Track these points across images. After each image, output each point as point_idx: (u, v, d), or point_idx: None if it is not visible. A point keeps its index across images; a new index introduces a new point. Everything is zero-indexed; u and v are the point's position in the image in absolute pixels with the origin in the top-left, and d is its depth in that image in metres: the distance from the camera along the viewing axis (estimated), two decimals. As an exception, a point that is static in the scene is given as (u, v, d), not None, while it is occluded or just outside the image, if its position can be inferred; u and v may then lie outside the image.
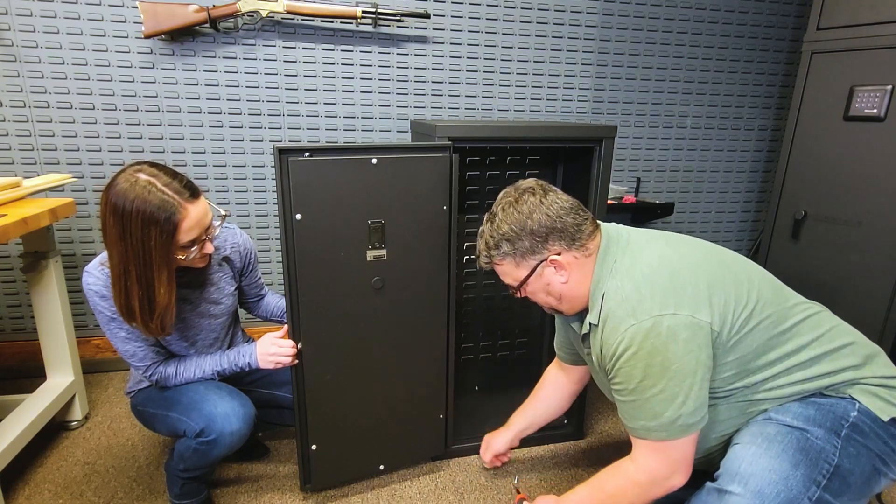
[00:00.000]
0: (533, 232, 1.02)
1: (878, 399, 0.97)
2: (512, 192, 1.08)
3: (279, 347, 1.27)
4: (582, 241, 1.04)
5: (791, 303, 1.04)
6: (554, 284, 1.07)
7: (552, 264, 1.04)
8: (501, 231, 1.05)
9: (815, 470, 0.91)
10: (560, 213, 1.03)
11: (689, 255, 1.01)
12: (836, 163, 2.02)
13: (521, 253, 1.04)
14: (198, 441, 1.22)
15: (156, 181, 1.08)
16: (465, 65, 2.15)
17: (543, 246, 1.03)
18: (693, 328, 0.91)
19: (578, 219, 1.04)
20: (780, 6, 2.38)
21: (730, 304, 0.95)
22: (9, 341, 2.04)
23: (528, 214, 1.03)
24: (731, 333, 0.95)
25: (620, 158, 2.43)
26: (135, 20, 1.83)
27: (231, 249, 1.36)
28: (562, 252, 1.04)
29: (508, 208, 1.05)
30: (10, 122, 1.83)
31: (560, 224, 1.02)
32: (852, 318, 2.01)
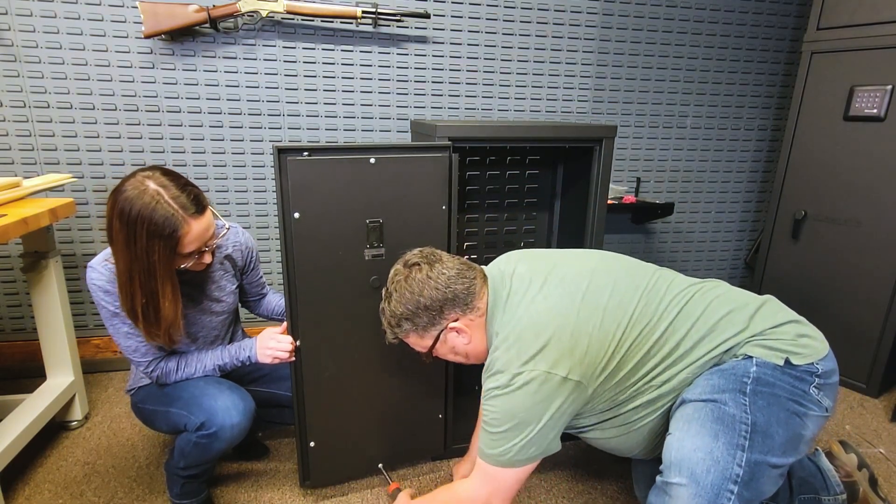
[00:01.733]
0: (427, 308, 1.09)
1: (768, 349, 1.01)
2: (402, 271, 1.13)
3: (278, 342, 1.27)
4: (473, 303, 1.11)
5: (666, 302, 1.08)
6: (459, 346, 1.15)
7: (453, 330, 1.12)
8: (398, 312, 1.11)
9: (735, 434, 0.93)
10: (448, 283, 1.09)
11: (560, 301, 1.06)
12: (836, 163, 2.02)
13: (423, 327, 1.11)
14: (198, 435, 1.22)
15: (164, 193, 1.08)
16: (465, 65, 2.15)
17: (440, 317, 1.10)
18: (546, 383, 0.99)
19: (466, 282, 1.11)
20: (780, 6, 2.38)
21: (592, 348, 1.02)
22: (9, 341, 2.04)
23: (419, 293, 1.08)
24: (600, 372, 1.03)
25: (620, 158, 2.43)
26: (135, 20, 1.83)
27: (233, 248, 1.36)
28: (459, 317, 1.11)
29: (401, 288, 1.10)
30: (10, 122, 1.83)
31: (451, 294, 1.09)
32: (852, 318, 2.02)
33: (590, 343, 1.02)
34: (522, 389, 1.00)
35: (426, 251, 1.16)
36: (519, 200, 1.79)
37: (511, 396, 1.01)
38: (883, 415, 1.92)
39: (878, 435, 1.80)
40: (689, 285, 1.13)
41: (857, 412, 1.93)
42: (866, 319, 2.00)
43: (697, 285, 1.13)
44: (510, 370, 1.02)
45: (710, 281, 1.16)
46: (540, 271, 1.13)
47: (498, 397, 1.03)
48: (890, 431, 1.82)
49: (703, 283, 1.14)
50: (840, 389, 2.09)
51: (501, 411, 1.02)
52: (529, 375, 1.00)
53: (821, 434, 1.79)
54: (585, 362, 1.01)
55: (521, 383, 1.00)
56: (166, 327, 1.17)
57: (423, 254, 1.15)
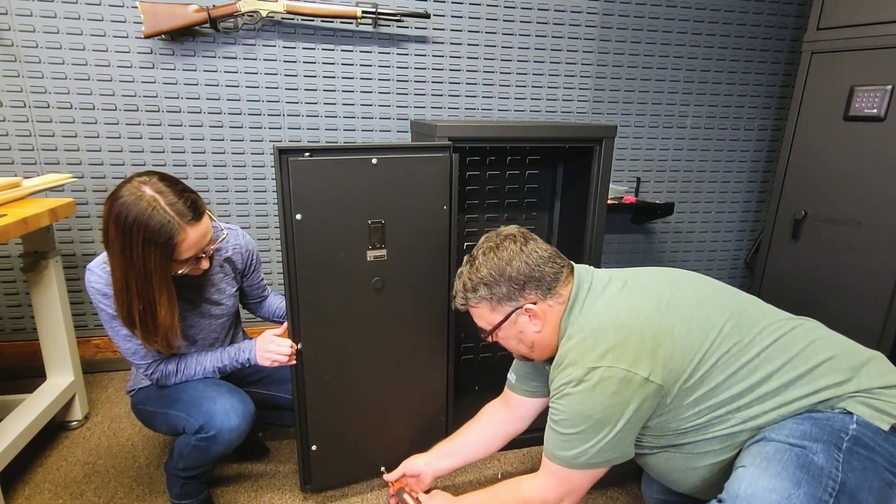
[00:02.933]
0: (511, 279, 1.05)
1: (873, 410, 0.92)
2: (493, 238, 1.10)
3: (277, 346, 1.27)
4: (557, 290, 1.07)
5: (760, 326, 1.00)
6: (527, 332, 1.10)
7: (527, 312, 1.07)
8: (480, 275, 1.07)
9: (820, 488, 0.84)
10: (539, 262, 1.06)
11: (642, 304, 1.01)
12: (836, 163, 2.02)
13: (498, 298, 1.07)
14: (197, 437, 1.22)
15: (160, 199, 1.07)
16: (465, 65, 2.15)
17: (520, 293, 1.06)
18: (626, 382, 0.93)
19: (556, 267, 1.07)
20: (780, 6, 2.38)
21: (677, 354, 0.96)
22: (9, 341, 2.04)
23: (507, 261, 1.05)
24: (683, 381, 0.96)
25: (620, 158, 2.43)
26: (135, 20, 1.83)
27: (233, 251, 1.36)
28: (537, 301, 1.07)
29: (489, 253, 1.07)
30: (10, 122, 1.83)
31: (538, 273, 1.05)
32: (852, 318, 2.02)
33: (674, 348, 0.96)
34: (599, 387, 0.94)
35: (522, 229, 1.13)
36: (519, 200, 1.79)
37: (586, 394, 0.95)
38: (883, 415, 1.92)
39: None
40: (788, 318, 1.05)
41: (857, 412, 1.93)
42: (866, 319, 2.00)
43: (797, 320, 1.05)
44: (584, 363, 0.96)
45: (811, 320, 1.07)
46: (619, 276, 1.10)
47: (571, 395, 0.97)
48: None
49: (803, 320, 1.06)
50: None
51: (576, 411, 0.97)
52: (608, 372, 0.94)
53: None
54: (668, 367, 0.95)
55: (597, 379, 0.94)
56: (163, 334, 1.17)
57: (521, 230, 1.12)
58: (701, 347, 0.96)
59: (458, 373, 1.55)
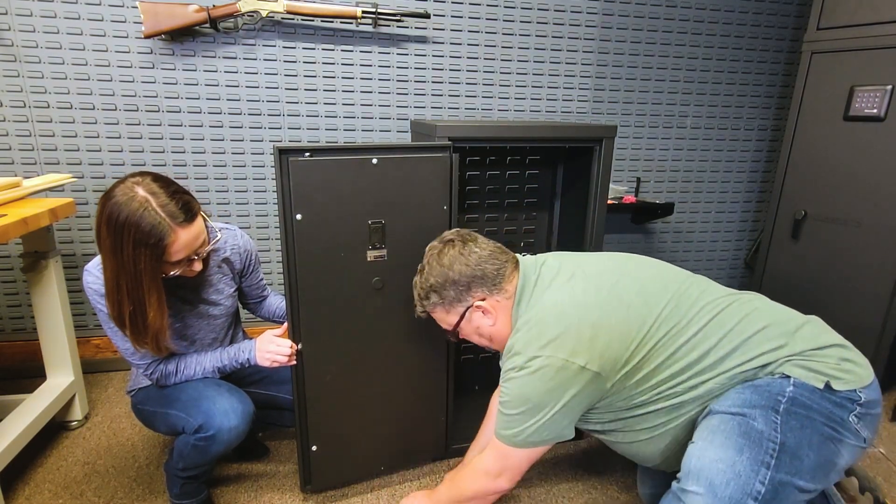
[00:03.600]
0: (455, 282, 1.13)
1: (808, 371, 0.98)
2: (437, 245, 1.18)
3: (277, 346, 1.27)
4: (502, 285, 1.14)
5: (698, 307, 1.06)
6: (483, 327, 1.17)
7: (478, 309, 1.14)
8: (429, 283, 1.15)
9: (761, 451, 0.91)
10: (479, 262, 1.13)
11: (585, 295, 1.07)
12: (836, 163, 2.02)
13: (449, 301, 1.15)
14: (196, 437, 1.22)
15: (152, 200, 1.06)
16: (465, 65, 2.15)
17: (468, 293, 1.14)
18: (563, 370, 1.00)
19: (497, 264, 1.14)
20: (780, 6, 2.38)
21: (614, 342, 1.02)
22: (9, 341, 2.04)
23: (449, 266, 1.13)
24: (621, 366, 1.03)
25: (620, 158, 2.43)
26: (135, 20, 1.83)
27: (231, 251, 1.36)
28: (486, 297, 1.14)
29: (433, 261, 1.15)
30: (10, 122, 1.83)
31: (480, 272, 1.13)
32: (852, 318, 2.02)
33: (611, 336, 1.02)
34: (538, 374, 1.01)
35: (463, 231, 1.20)
36: (519, 200, 1.79)
37: (527, 380, 1.03)
38: (883, 415, 1.92)
39: (878, 435, 1.80)
40: (726, 295, 1.11)
41: (857, 412, 1.93)
42: (866, 319, 2.00)
43: (734, 296, 1.11)
44: (527, 352, 1.03)
45: (749, 293, 1.14)
46: (569, 265, 1.15)
47: (514, 379, 1.05)
48: (890, 431, 1.82)
49: (740, 294, 1.12)
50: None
51: (516, 394, 1.04)
52: (546, 361, 1.01)
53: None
54: (606, 355, 1.01)
55: (536, 367, 1.01)
56: (153, 335, 1.17)
57: (460, 233, 1.19)
58: (638, 333, 1.03)
59: (458, 373, 1.55)
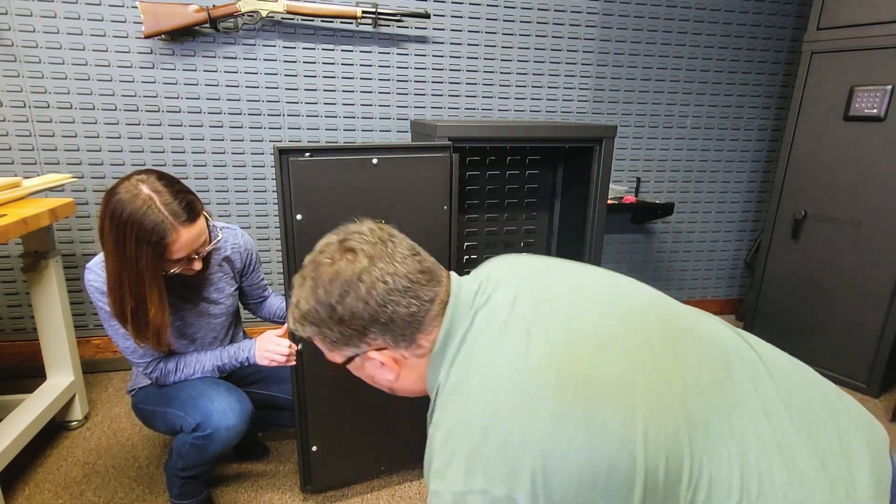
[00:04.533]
0: (343, 322, 0.72)
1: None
2: (328, 250, 0.75)
3: (276, 346, 1.27)
4: (415, 338, 0.74)
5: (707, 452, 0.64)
6: (378, 378, 0.82)
7: (373, 359, 0.77)
8: (301, 309, 0.74)
9: None
10: (387, 300, 0.71)
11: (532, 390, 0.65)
12: (836, 163, 2.02)
13: (331, 341, 0.76)
14: (194, 436, 1.22)
15: (156, 198, 1.07)
16: (465, 65, 2.15)
17: (360, 339, 0.74)
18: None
19: (416, 305, 0.72)
20: (780, 6, 2.38)
21: (565, 481, 0.62)
22: (9, 341, 2.04)
23: (338, 297, 0.71)
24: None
25: (620, 158, 2.43)
26: (135, 20, 1.83)
27: (231, 250, 1.36)
28: (386, 348, 0.75)
29: (318, 278, 0.73)
30: (10, 122, 1.83)
31: (384, 316, 0.71)
32: (852, 318, 2.02)
33: (565, 467, 0.62)
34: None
35: (383, 233, 0.76)
36: (519, 200, 1.80)
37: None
38: (883, 415, 1.92)
39: (877, 435, 1.80)
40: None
41: (857, 412, 1.94)
42: (866, 319, 2.00)
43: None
44: (451, 486, 0.67)
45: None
46: (524, 313, 0.73)
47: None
48: (890, 431, 1.82)
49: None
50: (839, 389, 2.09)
51: None
52: (480, 499, 0.64)
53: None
54: (552, 487, 0.62)
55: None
56: (154, 331, 1.17)
57: (375, 236, 0.75)
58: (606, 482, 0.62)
59: (458, 373, 1.56)
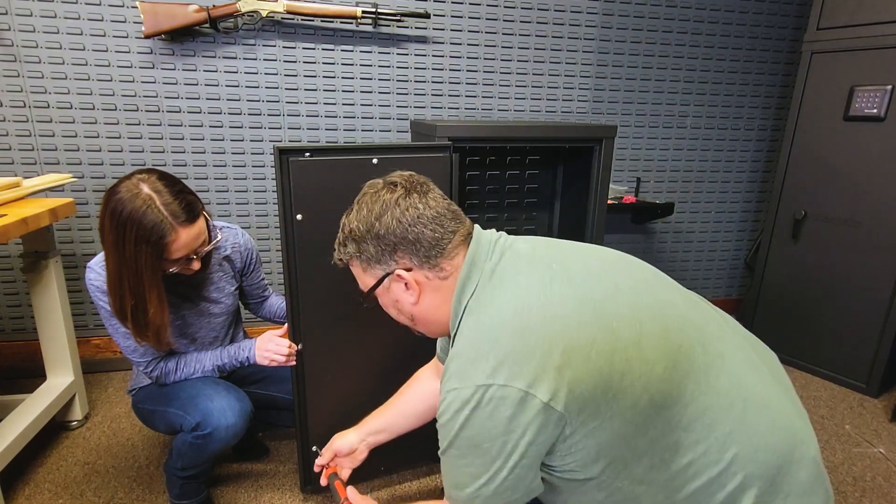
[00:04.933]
0: (379, 237, 0.85)
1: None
2: (377, 184, 0.91)
3: (276, 346, 1.27)
4: (436, 259, 0.86)
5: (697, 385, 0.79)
6: (403, 303, 0.91)
7: (400, 279, 0.88)
8: (350, 228, 0.89)
9: None
10: (416, 221, 0.85)
11: (559, 304, 0.78)
12: (836, 163, 2.02)
13: (367, 258, 0.88)
14: (193, 435, 1.22)
15: (156, 198, 1.08)
16: (465, 65, 2.15)
17: (390, 256, 0.86)
18: (522, 405, 0.72)
19: (440, 231, 0.86)
20: (780, 6, 2.38)
21: (584, 380, 0.73)
22: (9, 341, 2.04)
23: (378, 215, 0.85)
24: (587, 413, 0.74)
25: (620, 158, 2.43)
26: (135, 20, 1.83)
27: (231, 249, 1.36)
28: (412, 268, 0.87)
29: (363, 204, 0.89)
30: (10, 122, 1.83)
31: (412, 235, 0.84)
32: (852, 318, 2.02)
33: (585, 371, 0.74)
34: (490, 409, 0.74)
35: (420, 178, 0.92)
36: (519, 200, 1.80)
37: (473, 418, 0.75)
38: (883, 415, 1.92)
39: (878, 435, 1.80)
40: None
41: (857, 412, 1.94)
42: (866, 319, 2.00)
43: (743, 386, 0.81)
44: (472, 378, 0.75)
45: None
46: (544, 256, 0.86)
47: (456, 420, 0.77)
48: (890, 431, 1.82)
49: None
50: (839, 389, 2.10)
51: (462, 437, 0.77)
52: (500, 392, 0.73)
53: (819, 434, 1.79)
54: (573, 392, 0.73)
55: (487, 399, 0.74)
56: (154, 331, 1.18)
57: (412, 179, 0.90)
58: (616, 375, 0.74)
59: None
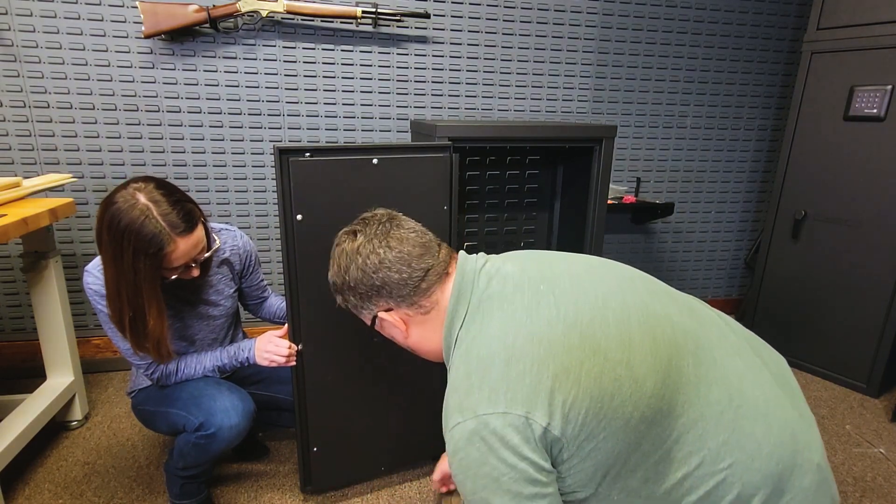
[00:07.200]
0: (352, 288, 0.91)
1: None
2: (341, 235, 0.96)
3: (276, 346, 1.27)
4: (412, 298, 0.89)
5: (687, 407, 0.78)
6: (396, 336, 0.96)
7: (384, 320, 0.92)
8: (331, 282, 0.96)
9: None
10: (378, 268, 0.88)
11: (546, 328, 0.77)
12: (836, 163, 2.02)
13: (353, 305, 0.95)
14: (197, 435, 1.22)
15: (154, 209, 1.06)
16: (465, 65, 2.15)
17: (369, 301, 0.91)
18: (525, 431, 0.72)
19: (407, 272, 0.87)
20: (780, 6, 2.38)
21: (575, 404, 0.73)
22: (9, 341, 2.04)
23: (345, 269, 0.91)
24: (582, 437, 0.74)
25: (620, 158, 2.43)
26: (135, 20, 1.83)
27: (230, 252, 1.36)
28: (392, 308, 0.91)
29: (334, 256, 0.95)
30: (10, 122, 1.83)
31: (378, 281, 0.88)
32: (852, 318, 2.02)
33: (574, 398, 0.73)
34: (497, 439, 0.72)
35: (384, 215, 0.95)
36: (519, 200, 1.80)
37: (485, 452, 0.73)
38: (883, 415, 1.92)
39: (878, 435, 1.80)
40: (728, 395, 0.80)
41: (857, 412, 1.94)
42: (866, 319, 2.00)
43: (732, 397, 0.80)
44: (474, 410, 0.74)
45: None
46: (532, 278, 0.86)
47: (468, 458, 0.74)
48: (890, 431, 1.82)
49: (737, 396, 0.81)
50: (840, 389, 2.10)
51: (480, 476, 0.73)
52: (502, 420, 0.72)
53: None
54: (566, 416, 0.73)
55: (492, 430, 0.72)
56: (153, 341, 1.17)
57: (374, 219, 0.94)
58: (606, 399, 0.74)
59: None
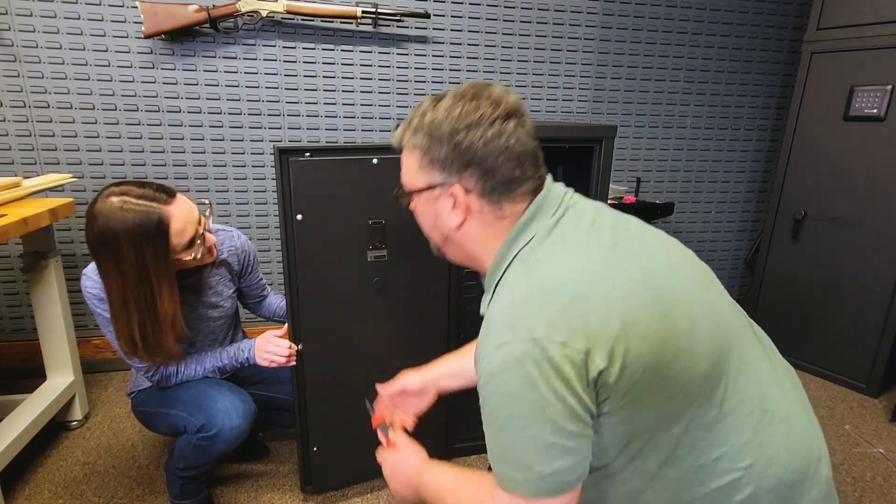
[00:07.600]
0: (457, 146, 0.75)
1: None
2: (481, 90, 0.78)
3: (276, 346, 1.27)
4: (500, 197, 0.77)
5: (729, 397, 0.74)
6: (443, 220, 0.81)
7: (453, 196, 0.78)
8: (432, 119, 0.77)
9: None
10: (501, 152, 0.75)
11: (621, 275, 0.71)
12: (836, 163, 2.02)
13: (431, 158, 0.78)
14: (198, 437, 1.22)
15: (127, 197, 1.07)
16: (465, 65, 2.15)
17: (457, 170, 0.76)
18: (581, 368, 0.66)
19: (519, 172, 0.76)
20: (780, 6, 2.38)
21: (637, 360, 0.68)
22: (9, 341, 2.03)
23: (468, 124, 0.74)
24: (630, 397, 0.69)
25: (620, 158, 2.43)
26: (135, 20, 1.83)
27: (228, 252, 1.36)
28: (472, 191, 0.77)
29: (461, 102, 0.77)
30: (10, 122, 1.83)
31: (491, 162, 0.75)
32: (852, 318, 2.02)
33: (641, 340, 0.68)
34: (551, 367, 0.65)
35: (519, 105, 0.79)
36: (519, 200, 1.79)
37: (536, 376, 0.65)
38: (883, 415, 1.92)
39: (878, 435, 1.80)
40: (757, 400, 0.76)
41: (857, 412, 1.94)
42: (866, 319, 2.00)
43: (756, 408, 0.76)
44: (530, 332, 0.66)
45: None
46: (606, 223, 0.78)
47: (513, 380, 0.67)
48: (890, 431, 1.82)
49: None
50: (839, 389, 2.10)
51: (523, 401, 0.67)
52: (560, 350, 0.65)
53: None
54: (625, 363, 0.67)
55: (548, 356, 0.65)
56: (166, 330, 1.16)
57: (515, 102, 0.78)
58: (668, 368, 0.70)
59: (459, 373, 1.56)
